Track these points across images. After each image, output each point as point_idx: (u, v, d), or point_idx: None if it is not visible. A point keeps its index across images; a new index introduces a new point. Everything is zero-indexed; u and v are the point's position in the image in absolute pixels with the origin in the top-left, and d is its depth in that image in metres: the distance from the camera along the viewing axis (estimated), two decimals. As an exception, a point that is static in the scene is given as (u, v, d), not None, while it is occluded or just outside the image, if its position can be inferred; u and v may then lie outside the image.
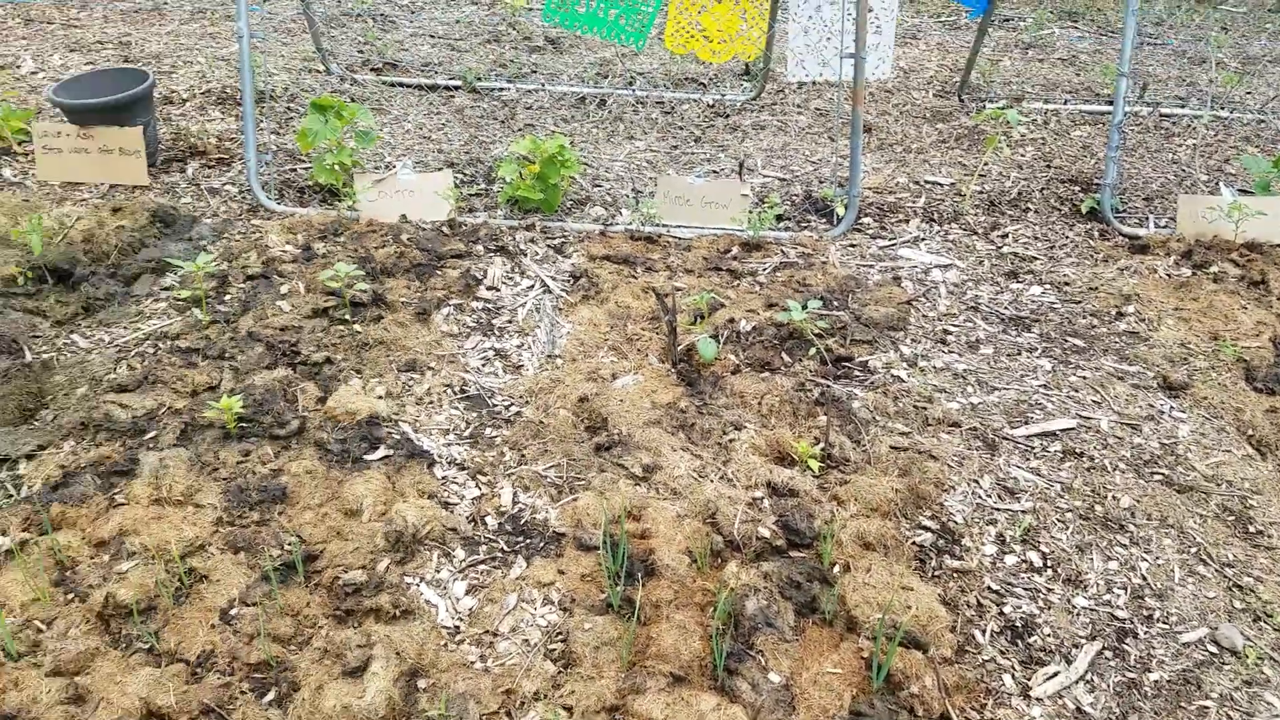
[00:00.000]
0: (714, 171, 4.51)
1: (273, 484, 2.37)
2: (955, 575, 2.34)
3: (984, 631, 2.19)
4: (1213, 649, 2.17)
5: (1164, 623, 2.23)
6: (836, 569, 2.28)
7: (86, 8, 6.35)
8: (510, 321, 3.29)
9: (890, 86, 5.69)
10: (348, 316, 3.08)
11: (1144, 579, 2.35)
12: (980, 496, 2.60)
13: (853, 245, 3.92)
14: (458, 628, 2.13)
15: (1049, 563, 2.38)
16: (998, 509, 2.56)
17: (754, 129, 5.07)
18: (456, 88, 5.22)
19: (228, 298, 3.21)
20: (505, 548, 2.36)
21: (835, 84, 5.15)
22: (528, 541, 2.38)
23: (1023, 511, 2.54)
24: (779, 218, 4.03)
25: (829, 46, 4.64)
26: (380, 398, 2.75)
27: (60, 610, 2.05)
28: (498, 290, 3.45)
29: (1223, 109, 5.34)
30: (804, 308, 3.13)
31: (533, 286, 3.50)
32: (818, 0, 4.57)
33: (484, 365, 3.06)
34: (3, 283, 3.19)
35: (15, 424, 2.62)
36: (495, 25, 6.35)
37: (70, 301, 3.15)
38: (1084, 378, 3.09)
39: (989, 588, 2.31)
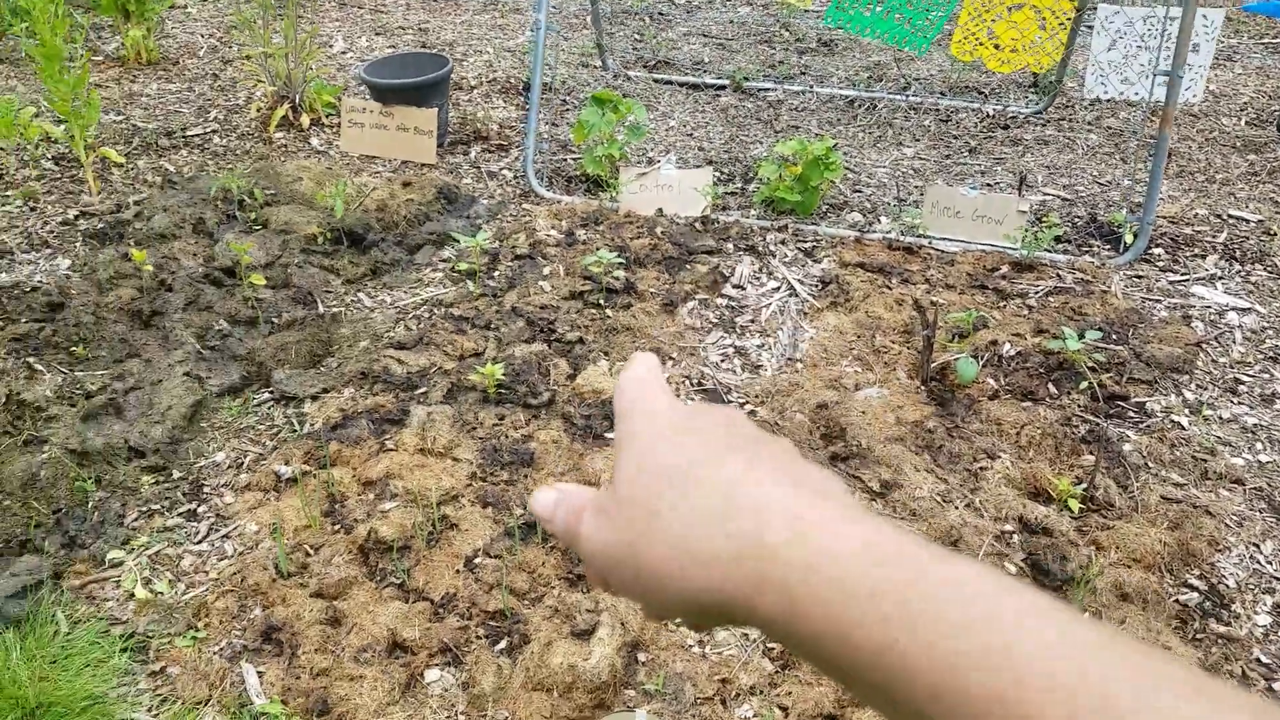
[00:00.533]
0: (988, 185, 4.28)
1: (522, 448, 2.50)
2: (1220, 641, 2.10)
3: (1254, 711, 1.96)
4: None
5: None
6: (1087, 617, 2.10)
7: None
8: (753, 321, 3.28)
9: (1197, 111, 5.18)
10: (601, 301, 3.19)
11: None
12: (1259, 562, 2.32)
13: (1139, 277, 3.60)
14: (680, 613, 2.15)
15: (1340, 648, 2.09)
16: (1278, 578, 2.27)
17: (1037, 144, 4.77)
18: (723, 87, 5.28)
19: (496, 274, 3.41)
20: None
21: (1135, 104, 4.76)
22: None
23: (1313, 587, 2.25)
24: (1057, 239, 3.77)
25: (1134, 63, 4.29)
26: (626, 380, 2.82)
27: (327, 539, 2.26)
28: (743, 289, 3.45)
29: None
30: (1081, 337, 2.90)
31: (779, 288, 3.47)
32: (1131, 14, 4.24)
33: (723, 361, 3.07)
34: (305, 240, 3.56)
35: (305, 367, 2.91)
36: (769, 26, 6.37)
37: (360, 263, 3.46)
38: None
39: (1258, 659, 2.06)
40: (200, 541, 2.33)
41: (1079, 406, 2.83)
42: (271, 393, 2.81)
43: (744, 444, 0.46)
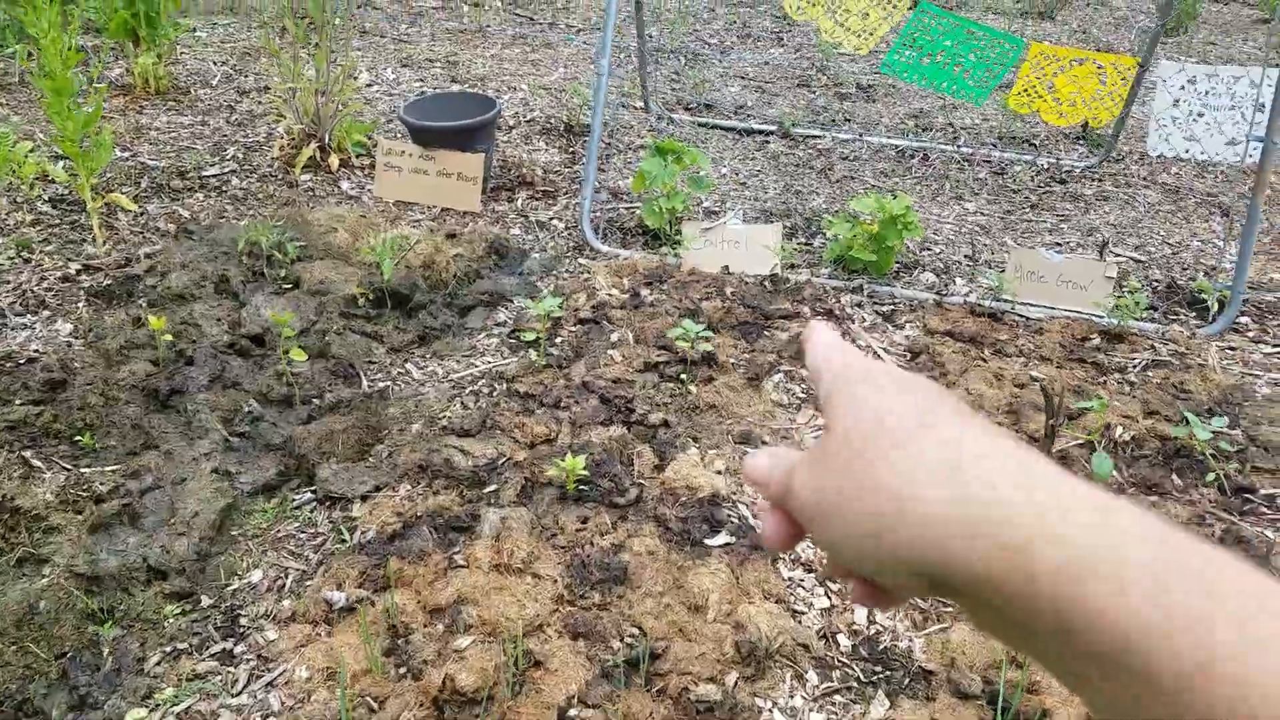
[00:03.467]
0: (1057, 244, 4.04)
1: (613, 561, 2.17)
2: None
3: None
4: None
5: None
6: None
7: (415, 24, 6.67)
8: (842, 397, 2.99)
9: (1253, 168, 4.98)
10: (681, 375, 2.89)
11: None
12: None
13: (1231, 348, 3.36)
14: (819, 772, 1.84)
15: None
16: None
17: (1097, 200, 4.54)
18: (770, 133, 5.02)
19: (559, 340, 3.09)
20: (862, 677, 2.05)
21: (1202, 163, 4.55)
22: (888, 674, 2.06)
23: None
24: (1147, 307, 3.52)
25: (1199, 123, 4.08)
26: (719, 473, 2.51)
27: (393, 687, 1.89)
28: (826, 359, 3.16)
29: None
30: (1206, 421, 2.65)
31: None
32: (1192, 72, 4.03)
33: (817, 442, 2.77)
34: (344, 302, 3.21)
35: (353, 460, 2.54)
36: (804, 69, 6.13)
37: (407, 329, 3.13)
38: None
39: None
40: (239, 693, 1.93)
41: (1210, 501, 2.57)
42: (314, 492, 2.43)
43: (960, 412, 0.44)
